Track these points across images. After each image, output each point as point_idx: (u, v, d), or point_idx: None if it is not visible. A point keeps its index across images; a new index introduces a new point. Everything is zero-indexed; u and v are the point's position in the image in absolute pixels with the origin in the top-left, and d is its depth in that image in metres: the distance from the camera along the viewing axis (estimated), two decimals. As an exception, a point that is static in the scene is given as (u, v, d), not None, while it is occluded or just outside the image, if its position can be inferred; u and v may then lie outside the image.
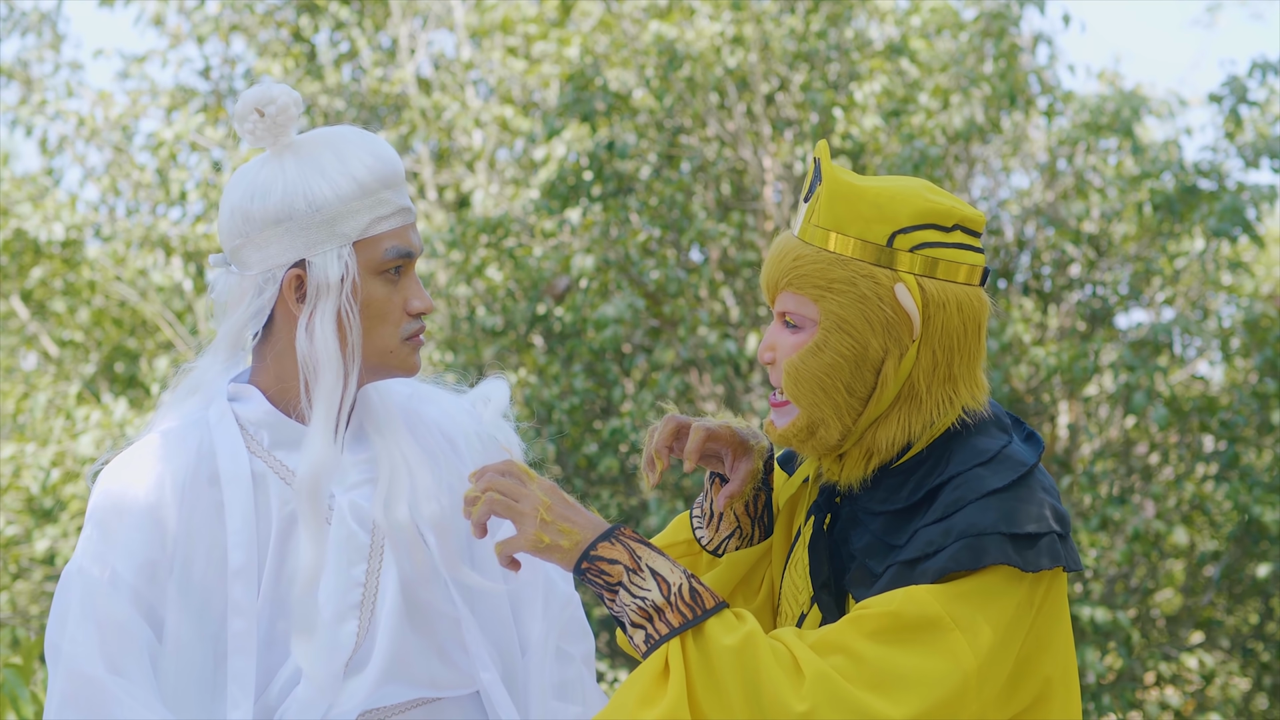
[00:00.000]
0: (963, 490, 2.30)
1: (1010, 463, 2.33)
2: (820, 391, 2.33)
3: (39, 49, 10.98)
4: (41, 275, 11.10)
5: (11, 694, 4.51)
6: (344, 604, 2.40)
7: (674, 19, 8.73)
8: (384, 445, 2.46)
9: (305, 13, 10.69)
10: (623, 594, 2.25)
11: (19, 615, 10.44)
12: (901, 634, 2.21)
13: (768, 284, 2.37)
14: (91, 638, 2.31)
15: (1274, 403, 7.88)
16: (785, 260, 2.34)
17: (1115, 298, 8.41)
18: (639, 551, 2.27)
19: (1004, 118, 8.49)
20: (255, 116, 2.40)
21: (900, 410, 2.35)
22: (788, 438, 2.37)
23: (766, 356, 2.36)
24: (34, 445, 9.33)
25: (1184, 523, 8.01)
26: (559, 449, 8.32)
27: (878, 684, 2.18)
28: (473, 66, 10.35)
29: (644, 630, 2.23)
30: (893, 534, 2.33)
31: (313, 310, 2.38)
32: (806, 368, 2.33)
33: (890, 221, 2.32)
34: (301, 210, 2.38)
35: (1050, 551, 2.28)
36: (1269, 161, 8.02)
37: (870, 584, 2.32)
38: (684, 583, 2.24)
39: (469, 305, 8.78)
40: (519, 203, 9.17)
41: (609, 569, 2.26)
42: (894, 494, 2.35)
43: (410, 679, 2.41)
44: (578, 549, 2.26)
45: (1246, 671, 8.62)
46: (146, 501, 2.38)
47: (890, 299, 2.32)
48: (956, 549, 2.25)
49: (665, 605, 2.23)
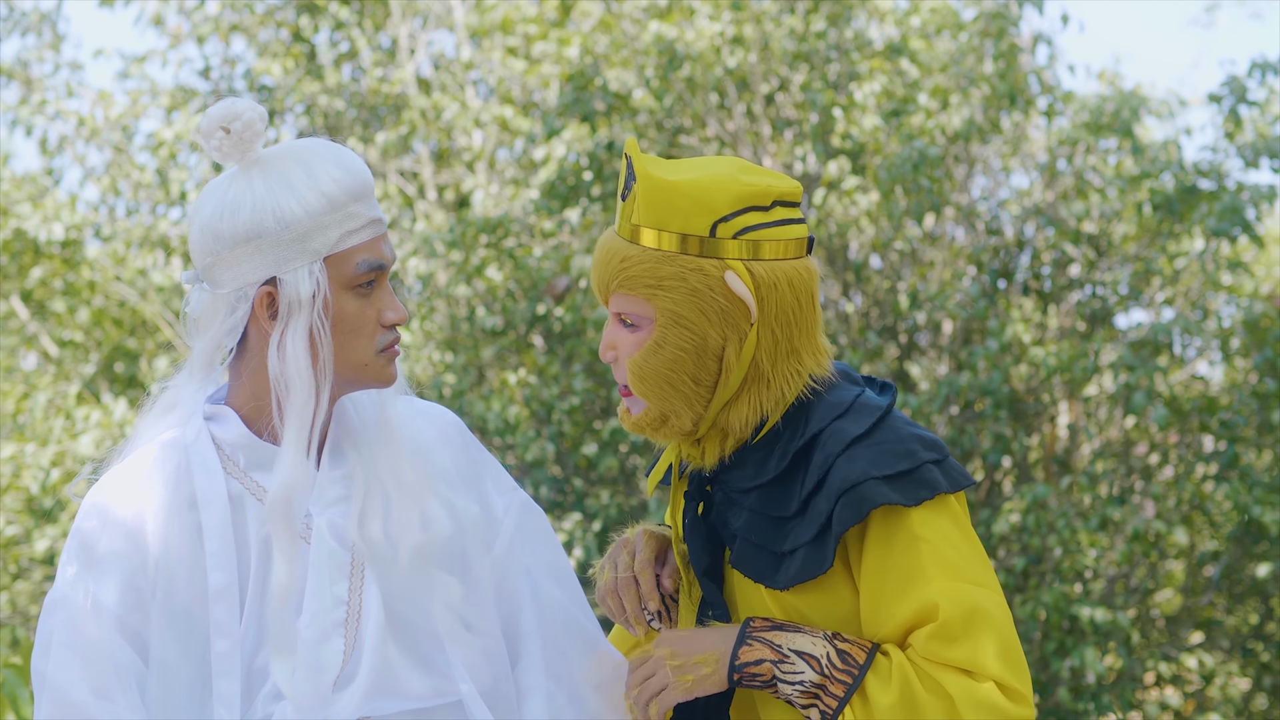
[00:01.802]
0: (829, 446, 2.32)
1: (866, 409, 2.36)
2: (667, 386, 2.35)
3: (39, 49, 10.98)
4: (41, 275, 11.10)
5: (11, 694, 4.50)
6: (328, 622, 2.39)
7: (674, 19, 8.73)
8: (359, 461, 2.45)
9: (305, 13, 10.68)
10: (781, 686, 2.29)
11: (19, 615, 10.44)
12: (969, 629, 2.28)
13: (598, 286, 2.39)
14: (75, 663, 2.30)
15: (1274, 403, 7.88)
16: (612, 262, 2.36)
17: (1115, 298, 8.41)
18: (777, 640, 2.30)
19: (1004, 118, 8.49)
20: (221, 134, 2.39)
21: (749, 391, 2.37)
22: (641, 426, 2.39)
23: (608, 356, 2.38)
24: (34, 445, 9.33)
25: (1184, 523, 8.01)
26: (559, 449, 8.32)
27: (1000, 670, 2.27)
28: (473, 66, 10.35)
29: (816, 707, 2.29)
30: (772, 505, 2.35)
31: (285, 328, 2.36)
32: (650, 365, 2.35)
33: (710, 212, 2.34)
34: (271, 227, 2.36)
35: (929, 481, 2.31)
36: (1269, 161, 8.02)
37: (762, 559, 2.34)
38: (829, 650, 2.28)
39: (469, 305, 8.78)
40: (519, 203, 9.17)
41: (758, 670, 2.30)
42: (761, 467, 2.37)
43: (397, 692, 2.41)
44: (722, 668, 2.31)
45: (1246, 671, 8.62)
46: (126, 527, 2.37)
47: (722, 288, 2.34)
48: (840, 510, 2.28)
49: (824, 680, 2.28)
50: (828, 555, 2.29)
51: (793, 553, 2.32)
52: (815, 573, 2.30)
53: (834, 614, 2.34)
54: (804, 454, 2.35)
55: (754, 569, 2.35)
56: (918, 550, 2.29)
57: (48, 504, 9.36)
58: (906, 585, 2.28)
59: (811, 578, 2.31)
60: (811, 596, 2.34)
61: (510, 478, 2.64)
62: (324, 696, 2.36)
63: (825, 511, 2.30)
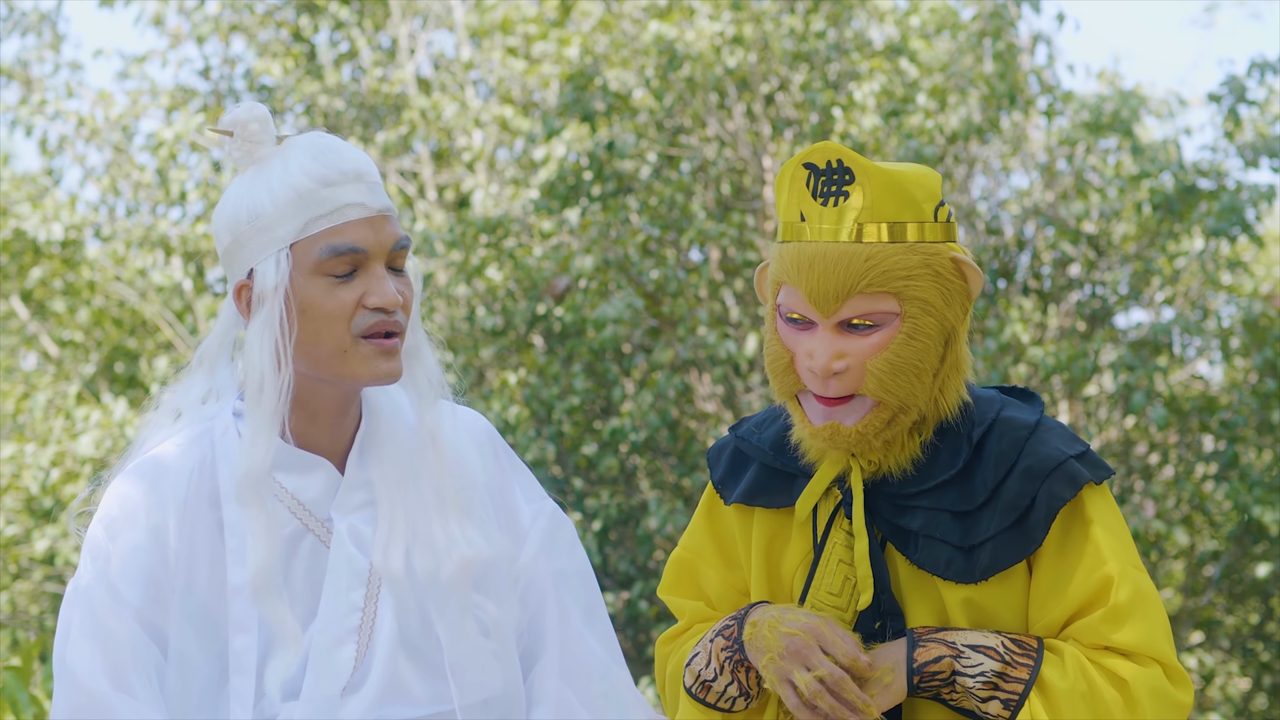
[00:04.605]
0: (1010, 432, 2.33)
1: (1021, 396, 2.40)
2: (915, 379, 2.31)
3: (39, 49, 10.98)
4: (41, 275, 11.10)
5: (11, 697, 4.50)
6: (343, 628, 2.38)
7: (674, 19, 8.73)
8: (385, 483, 2.43)
9: (305, 13, 10.69)
10: (960, 680, 2.28)
11: (19, 616, 10.44)
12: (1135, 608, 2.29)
13: (832, 294, 2.30)
14: (96, 654, 2.30)
15: (1274, 403, 7.88)
16: (853, 265, 2.29)
17: (1115, 298, 8.41)
18: (949, 638, 2.30)
19: (1003, 118, 8.49)
20: (229, 141, 2.40)
21: (951, 376, 2.37)
22: (867, 435, 2.32)
23: (839, 366, 2.30)
24: (34, 445, 9.33)
25: (1184, 523, 8.01)
26: (559, 449, 8.32)
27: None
28: (473, 66, 10.35)
29: (996, 699, 2.27)
30: (954, 500, 2.33)
31: (256, 318, 2.36)
32: (902, 360, 2.30)
33: (932, 197, 2.35)
34: (244, 223, 2.37)
35: (1101, 463, 2.35)
36: (1268, 161, 8.02)
37: (950, 556, 2.32)
38: (1002, 640, 2.28)
39: (469, 305, 8.78)
40: (519, 203, 9.17)
41: (938, 668, 2.29)
42: (932, 466, 2.35)
43: (407, 700, 2.41)
44: (900, 674, 2.30)
45: (1246, 671, 8.62)
46: (148, 520, 2.37)
47: (953, 269, 2.34)
48: (1051, 486, 2.29)
49: (1005, 668, 2.27)
50: (1037, 536, 2.29)
51: (984, 544, 2.31)
52: (1019, 556, 2.30)
53: (1017, 605, 2.33)
54: (980, 446, 2.34)
55: (943, 567, 2.32)
56: (1090, 533, 2.31)
57: (47, 504, 9.36)
58: (1081, 567, 2.30)
59: (1014, 563, 2.30)
60: (998, 589, 2.32)
61: (540, 487, 2.62)
62: (332, 701, 2.36)
63: (1025, 493, 2.29)
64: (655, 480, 8.71)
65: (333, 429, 2.43)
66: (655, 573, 8.19)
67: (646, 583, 8.16)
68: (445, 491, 2.45)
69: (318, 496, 2.41)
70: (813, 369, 2.32)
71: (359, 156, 2.42)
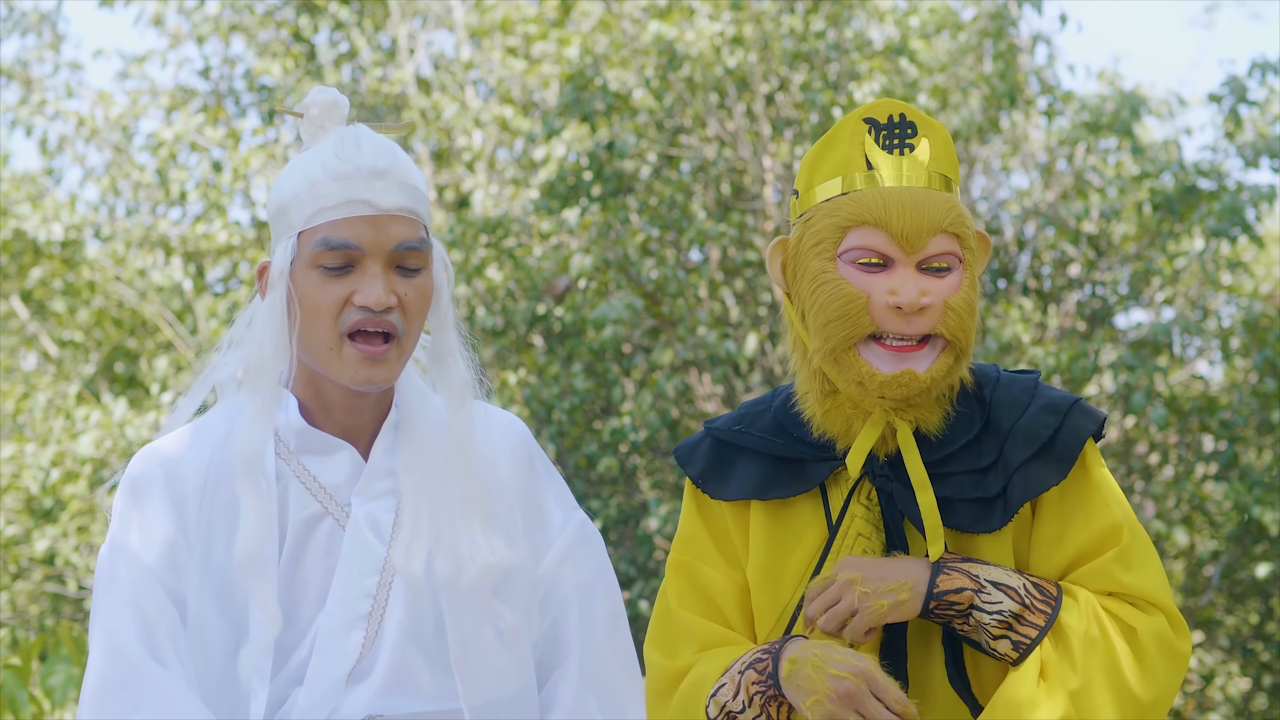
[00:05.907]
0: (1017, 385, 2.40)
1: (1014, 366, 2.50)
2: (974, 323, 2.39)
3: (39, 49, 10.99)
4: (41, 275, 11.11)
5: (11, 696, 4.50)
6: (353, 614, 2.39)
7: (674, 19, 8.73)
8: (411, 478, 2.43)
9: (305, 13, 10.69)
10: (976, 614, 2.29)
11: (18, 615, 10.44)
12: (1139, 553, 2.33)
13: (923, 230, 2.35)
14: (129, 620, 2.33)
15: (1274, 403, 7.88)
16: (937, 205, 2.37)
17: (1115, 298, 8.41)
18: (974, 571, 2.31)
19: (1003, 118, 8.50)
20: (300, 123, 2.45)
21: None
22: (935, 379, 2.35)
23: (925, 301, 2.34)
24: (34, 445, 9.33)
25: (1184, 523, 8.01)
26: (559, 449, 8.32)
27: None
28: (472, 66, 10.35)
29: (1008, 638, 2.29)
30: (973, 460, 2.37)
31: (267, 300, 2.39)
32: (969, 303, 2.36)
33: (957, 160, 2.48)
34: (273, 208, 2.42)
35: (1098, 415, 2.42)
36: (1268, 161, 8.02)
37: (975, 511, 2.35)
38: (1024, 582, 2.30)
39: (469, 305, 8.78)
40: (519, 203, 9.18)
41: (957, 598, 2.29)
42: (948, 432, 2.38)
43: (413, 692, 2.40)
44: (918, 596, 2.30)
45: (1246, 671, 8.62)
46: (169, 487, 2.40)
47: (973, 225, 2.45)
48: (1073, 419, 2.34)
49: (1022, 610, 2.28)
50: (1069, 460, 2.32)
51: (1012, 476, 2.34)
52: (1052, 482, 2.33)
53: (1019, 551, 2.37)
54: (992, 401, 2.40)
55: (968, 522, 2.35)
56: (1092, 479, 2.35)
57: (48, 504, 9.37)
58: (1088, 510, 2.33)
59: (1047, 489, 2.33)
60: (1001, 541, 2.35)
61: (572, 497, 2.61)
62: (337, 685, 2.36)
63: (1049, 424, 2.34)
64: (655, 480, 8.71)
65: (346, 419, 2.43)
66: (655, 573, 8.18)
67: (646, 583, 8.16)
68: (472, 496, 2.44)
69: (340, 481, 2.41)
70: (899, 304, 2.34)
71: (384, 154, 2.40)
